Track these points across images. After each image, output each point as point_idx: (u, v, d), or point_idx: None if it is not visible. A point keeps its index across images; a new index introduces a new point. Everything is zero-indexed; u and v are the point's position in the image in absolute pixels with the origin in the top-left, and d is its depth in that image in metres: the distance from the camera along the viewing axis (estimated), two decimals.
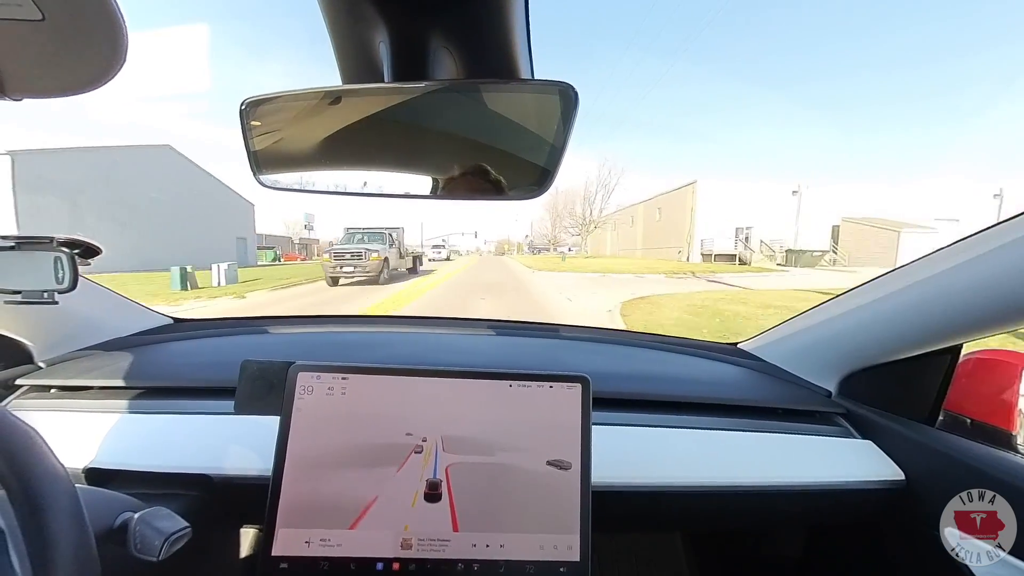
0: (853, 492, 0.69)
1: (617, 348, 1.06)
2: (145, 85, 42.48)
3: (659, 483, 0.66)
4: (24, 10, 0.27)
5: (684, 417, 0.76)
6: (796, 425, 0.77)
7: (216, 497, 0.61)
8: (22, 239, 0.66)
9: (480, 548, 0.50)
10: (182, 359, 0.88)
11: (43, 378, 0.75)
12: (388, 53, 0.46)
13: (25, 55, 0.31)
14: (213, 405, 0.70)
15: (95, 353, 0.85)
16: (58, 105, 52.55)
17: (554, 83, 0.46)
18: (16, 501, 0.34)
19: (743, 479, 0.67)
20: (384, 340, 1.05)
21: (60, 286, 0.66)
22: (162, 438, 0.66)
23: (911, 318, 0.66)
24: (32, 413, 0.69)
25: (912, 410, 0.72)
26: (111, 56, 0.31)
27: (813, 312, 0.88)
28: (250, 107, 0.49)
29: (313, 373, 0.53)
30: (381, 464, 0.51)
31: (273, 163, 0.53)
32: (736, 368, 0.97)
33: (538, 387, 0.54)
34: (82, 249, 0.69)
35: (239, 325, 1.10)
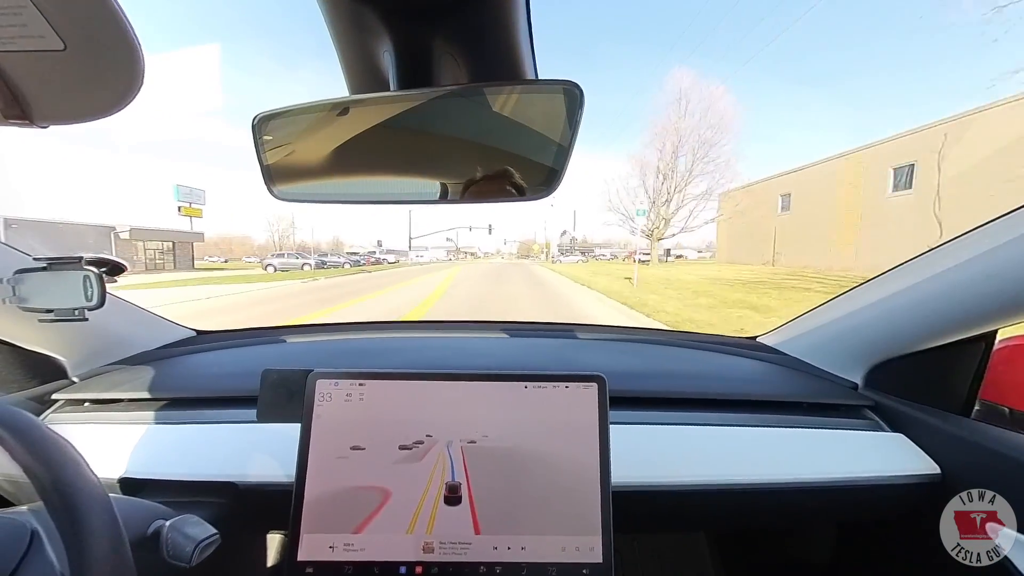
0: (885, 487, 0.66)
1: (633, 346, 1.05)
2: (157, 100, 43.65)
3: (681, 482, 0.65)
4: (47, 41, 0.28)
5: (705, 414, 0.74)
6: (822, 419, 0.75)
7: (242, 504, 0.62)
8: (53, 260, 0.69)
9: (501, 551, 0.50)
10: (206, 370, 0.91)
11: (77, 392, 0.78)
12: (393, 62, 0.47)
13: (49, 84, 0.33)
14: (237, 414, 0.71)
15: (124, 367, 0.88)
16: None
17: (559, 82, 0.46)
18: (55, 512, 0.35)
19: (768, 476, 0.65)
20: (400, 345, 1.06)
21: (89, 303, 0.69)
22: (189, 447, 0.68)
23: (940, 304, 0.63)
24: (67, 426, 0.71)
25: (945, 401, 0.69)
26: (130, 80, 0.32)
27: (835, 302, 0.85)
28: (261, 122, 0.51)
29: (331, 380, 0.54)
30: (401, 468, 0.51)
31: (286, 176, 0.55)
32: (757, 363, 0.95)
33: (554, 388, 0.54)
34: (109, 267, 0.72)
35: (260, 335, 1.13)
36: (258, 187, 0.55)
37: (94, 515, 0.35)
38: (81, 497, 0.35)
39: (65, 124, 0.36)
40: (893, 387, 0.77)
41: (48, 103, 0.34)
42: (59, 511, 0.35)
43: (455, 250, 55.23)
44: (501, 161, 0.51)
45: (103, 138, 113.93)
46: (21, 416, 0.37)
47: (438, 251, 50.32)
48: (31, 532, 0.38)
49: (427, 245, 73.47)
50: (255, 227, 65.19)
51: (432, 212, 68.71)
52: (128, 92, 0.33)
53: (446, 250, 60.61)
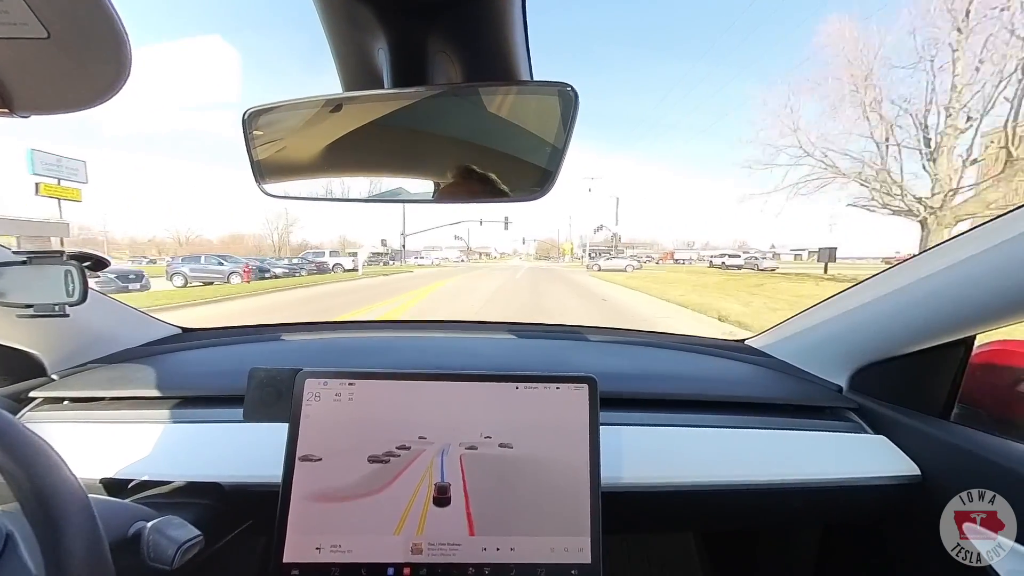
0: (867, 488, 0.68)
1: (626, 348, 1.05)
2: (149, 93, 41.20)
3: (670, 482, 0.65)
4: (29, 29, 0.28)
5: (694, 415, 0.75)
6: (807, 421, 0.76)
7: (227, 505, 0.61)
8: (33, 253, 0.67)
9: (491, 552, 0.50)
10: (191, 368, 0.89)
11: (56, 390, 0.76)
12: (387, 59, 0.46)
13: (31, 73, 0.32)
14: (223, 413, 0.70)
15: (106, 364, 0.86)
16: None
17: (553, 84, 0.46)
18: (31, 513, 0.34)
19: (754, 477, 0.66)
20: (390, 345, 1.06)
21: (71, 299, 0.67)
22: (174, 447, 0.66)
23: (922, 310, 0.65)
24: (45, 425, 0.69)
25: (926, 404, 0.71)
26: (116, 71, 0.32)
27: (822, 306, 0.87)
28: (252, 117, 0.50)
29: (320, 380, 0.53)
30: (390, 469, 0.51)
31: (276, 172, 0.54)
32: (745, 365, 0.96)
33: (545, 388, 0.54)
34: (92, 262, 0.70)
35: (247, 333, 1.11)
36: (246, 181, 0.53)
37: (72, 517, 0.34)
38: (59, 499, 0.34)
39: (48, 114, 0.36)
40: (876, 390, 0.79)
41: (30, 92, 0.33)
42: (36, 512, 0.34)
43: (467, 249, 47.35)
44: (494, 161, 0.52)
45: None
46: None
47: (451, 251, 42.31)
48: (5, 535, 0.37)
49: (439, 245, 64.58)
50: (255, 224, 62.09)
51: (435, 207, 63.90)
52: (114, 83, 0.32)
53: (458, 250, 53.23)
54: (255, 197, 10.35)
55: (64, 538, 0.33)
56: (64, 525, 0.34)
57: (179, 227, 45.39)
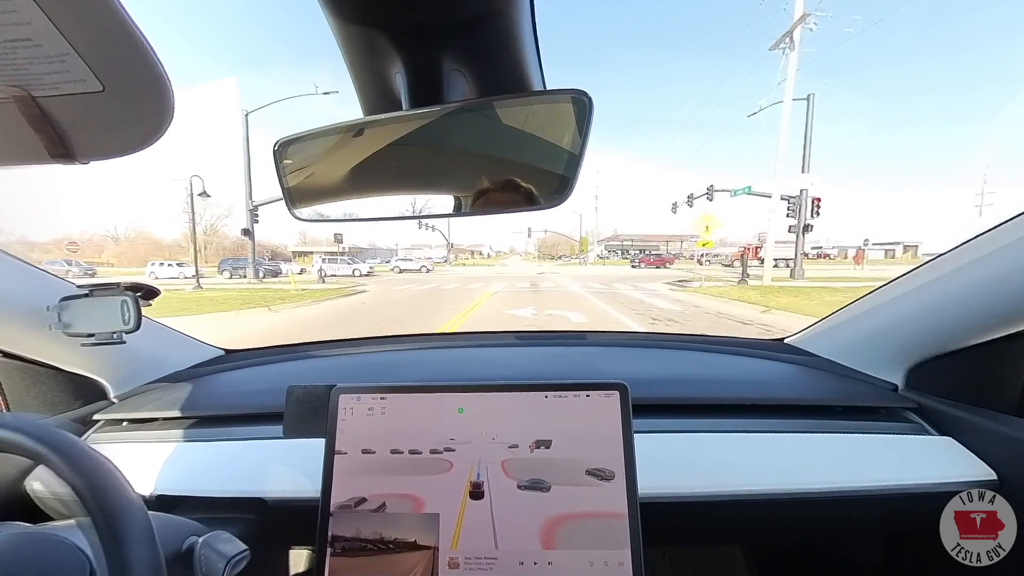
0: (936, 495, 0.62)
1: (653, 351, 1.03)
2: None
3: (711, 492, 0.62)
4: (87, 84, 0.31)
5: (733, 420, 0.72)
6: (861, 424, 0.71)
7: (270, 519, 0.63)
8: (94, 287, 0.73)
9: (528, 566, 0.49)
10: (235, 388, 0.94)
11: (116, 412, 0.82)
12: (405, 82, 0.48)
13: (90, 123, 0.35)
14: (265, 430, 0.73)
15: (159, 387, 0.92)
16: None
17: (567, 91, 0.46)
18: (98, 528, 0.36)
19: (804, 485, 0.62)
20: (419, 359, 1.07)
21: (127, 327, 0.72)
22: (220, 464, 0.69)
23: (985, 297, 0.60)
24: (107, 446, 0.74)
25: (996, 401, 0.65)
26: (162, 115, 0.35)
27: (867, 299, 0.82)
28: (282, 147, 0.53)
29: (353, 395, 0.55)
30: (423, 481, 0.51)
31: (307, 197, 0.57)
32: (786, 365, 0.91)
33: (575, 397, 0.53)
34: (144, 291, 0.75)
35: (284, 352, 1.16)
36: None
37: (133, 531, 0.36)
38: (124, 516, 0.37)
39: (104, 159, 0.39)
40: (936, 388, 0.73)
41: (89, 141, 0.36)
42: (102, 527, 0.36)
43: (449, 246, 33.40)
44: (513, 172, 0.52)
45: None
46: (65, 438, 0.39)
47: (439, 249, 35.12)
48: (89, 571, 0.39)
49: (428, 243, 56.60)
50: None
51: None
52: (160, 126, 0.35)
53: (446, 249, 40.66)
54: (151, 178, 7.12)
55: (127, 551, 0.35)
56: (127, 539, 0.36)
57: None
